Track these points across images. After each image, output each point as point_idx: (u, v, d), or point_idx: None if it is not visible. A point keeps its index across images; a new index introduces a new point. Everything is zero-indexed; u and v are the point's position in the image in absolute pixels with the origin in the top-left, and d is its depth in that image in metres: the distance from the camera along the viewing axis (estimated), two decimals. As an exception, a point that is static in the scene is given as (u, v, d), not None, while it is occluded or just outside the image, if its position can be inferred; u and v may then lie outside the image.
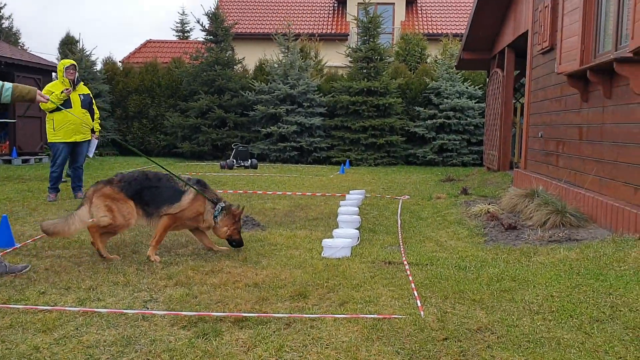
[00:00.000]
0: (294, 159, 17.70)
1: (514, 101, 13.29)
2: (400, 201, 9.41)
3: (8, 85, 4.10)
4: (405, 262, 4.70)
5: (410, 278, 4.18)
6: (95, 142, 9.10)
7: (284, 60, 18.46)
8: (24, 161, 16.17)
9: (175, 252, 5.29)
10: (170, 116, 18.43)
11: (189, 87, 18.65)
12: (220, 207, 5.18)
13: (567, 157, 7.78)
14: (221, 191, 10.29)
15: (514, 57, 12.18)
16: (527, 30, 10.18)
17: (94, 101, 9.31)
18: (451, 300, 3.69)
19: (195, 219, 5.11)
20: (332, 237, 5.90)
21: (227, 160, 15.42)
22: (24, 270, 4.44)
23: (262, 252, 5.36)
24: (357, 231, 6.04)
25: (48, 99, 4.54)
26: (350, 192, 9.91)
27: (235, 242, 5.32)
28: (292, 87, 17.77)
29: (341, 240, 5.23)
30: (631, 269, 4.30)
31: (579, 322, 3.30)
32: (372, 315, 3.41)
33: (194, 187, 5.09)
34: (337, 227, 6.90)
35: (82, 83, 9.09)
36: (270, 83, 18.21)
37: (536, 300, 3.64)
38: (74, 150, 8.78)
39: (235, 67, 19.27)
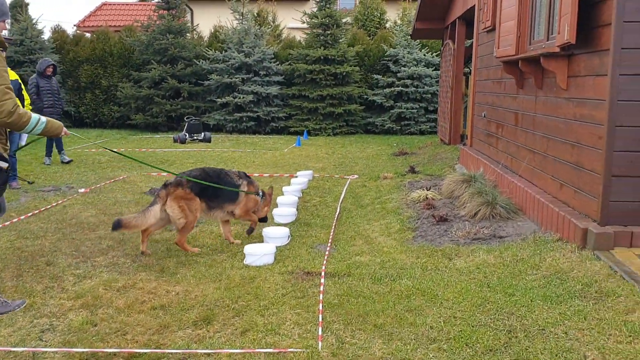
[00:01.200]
0: (251, 129, 17.46)
1: (467, 70, 13.19)
2: (347, 182, 9.36)
3: (44, 119, 4.12)
4: (323, 273, 4.65)
5: (321, 296, 4.13)
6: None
7: (238, 28, 18.00)
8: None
9: (93, 262, 5.16)
10: (123, 87, 17.95)
11: (141, 57, 18.12)
12: (262, 194, 5.97)
13: (506, 141, 7.76)
14: (166, 174, 10.11)
15: (465, 29, 12.02)
16: (475, 5, 10.01)
17: (23, 87, 8.95)
18: (353, 327, 3.66)
19: (251, 208, 5.86)
20: (272, 230, 5.86)
21: (180, 134, 15.12)
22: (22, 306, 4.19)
23: (183, 260, 5.27)
24: (288, 230, 5.97)
25: (69, 134, 4.54)
26: (298, 173, 9.82)
27: (265, 220, 6.20)
28: (247, 56, 17.38)
29: (263, 247, 5.15)
30: (542, 278, 4.31)
31: (473, 352, 3.30)
32: (266, 350, 3.36)
33: (246, 180, 5.82)
34: (272, 220, 6.85)
35: (8, 68, 8.68)
36: (225, 51, 17.79)
37: (437, 324, 3.63)
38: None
39: (188, 34, 18.75)
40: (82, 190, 8.48)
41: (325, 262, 5.00)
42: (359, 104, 17.52)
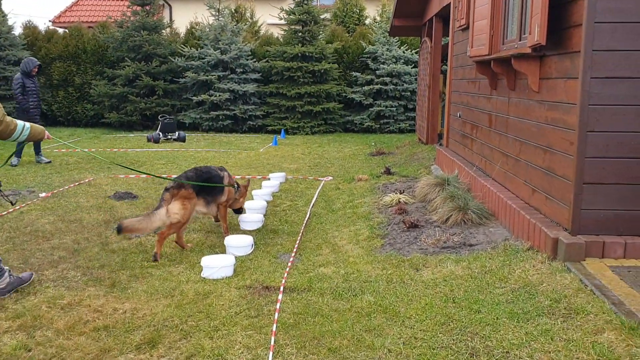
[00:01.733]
0: (228, 127, 17.15)
1: (445, 69, 12.98)
2: (321, 185, 9.13)
3: (27, 125, 4.30)
4: (282, 288, 4.41)
5: (277, 315, 3.89)
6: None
7: (214, 24, 17.65)
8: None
9: (40, 275, 4.87)
10: (97, 85, 17.53)
11: (115, 54, 17.72)
12: (237, 186, 6.43)
13: (480, 143, 7.56)
14: (133, 176, 9.81)
15: (442, 26, 11.83)
16: (450, 3, 9.80)
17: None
18: (307, 350, 3.42)
19: (231, 199, 6.32)
20: (234, 239, 5.60)
21: (153, 134, 14.78)
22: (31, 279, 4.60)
23: (138, 271, 5.00)
24: (251, 239, 5.71)
25: (51, 138, 4.72)
26: (270, 175, 9.57)
27: (240, 211, 6.69)
28: (223, 53, 17.05)
29: (221, 260, 4.90)
30: (510, 292, 4.11)
31: (431, 378, 3.07)
32: (209, 379, 3.11)
33: (226, 172, 6.27)
34: (238, 227, 6.60)
35: None
36: (201, 48, 17.45)
37: (396, 347, 3.41)
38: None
39: (164, 31, 18.37)
40: (43, 194, 8.16)
41: (286, 274, 4.76)
42: (337, 102, 17.28)
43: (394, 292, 4.27)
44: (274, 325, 3.72)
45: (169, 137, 14.83)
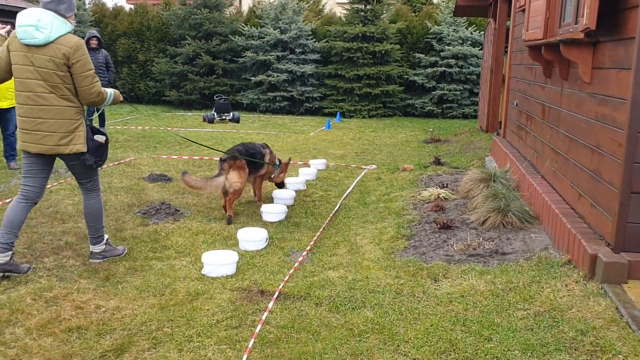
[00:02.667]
0: (284, 109, 16.87)
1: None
2: (362, 174, 8.67)
3: (110, 91, 4.61)
4: (277, 294, 4.02)
5: (258, 328, 3.51)
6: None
7: (275, 3, 17.31)
8: None
9: (38, 262, 4.70)
10: (158, 62, 17.63)
11: (177, 31, 17.74)
12: (279, 162, 7.03)
13: (533, 136, 6.87)
14: (175, 157, 9.67)
15: (507, 6, 10.96)
16: (514, -20, 8.99)
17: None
18: (276, 373, 3.03)
19: (269, 173, 6.93)
20: (247, 232, 5.28)
21: (208, 114, 14.69)
22: (124, 253, 4.95)
23: (139, 263, 4.75)
24: (266, 233, 5.36)
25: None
26: (310, 162, 9.18)
27: (282, 185, 7.29)
28: (282, 32, 16.72)
29: (222, 256, 4.56)
30: (532, 317, 3.55)
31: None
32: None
33: (268, 149, 6.84)
34: (260, 217, 6.27)
35: None
36: (262, 27, 17.17)
37: (379, 377, 2.96)
38: (2, 117, 8.16)
39: (226, 10, 18.20)
40: (79, 173, 8.10)
41: (287, 277, 4.37)
42: (398, 85, 16.61)
43: (399, 308, 3.79)
44: (252, 341, 3.34)
45: (224, 117, 14.68)
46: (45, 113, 4.26)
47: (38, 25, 4.12)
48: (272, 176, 7.01)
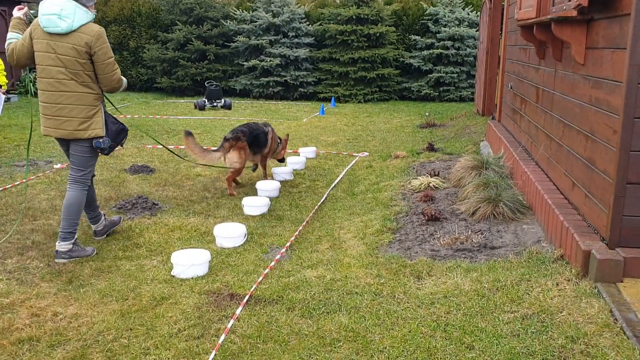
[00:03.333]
0: (278, 94, 16.52)
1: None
2: (353, 162, 8.38)
3: (124, 79, 4.77)
4: (247, 297, 3.76)
5: (222, 338, 3.24)
6: (1, 99, 8.16)
7: (267, -15, 16.90)
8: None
9: (3, 262, 4.44)
10: (149, 49, 17.26)
11: (168, 17, 17.34)
12: (279, 140, 7.35)
13: (528, 120, 6.56)
14: (161, 147, 9.37)
15: (503, -15, 10.57)
16: (508, -43, 8.61)
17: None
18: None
19: (272, 150, 7.22)
20: (224, 228, 5.01)
21: (199, 100, 14.36)
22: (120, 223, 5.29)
23: (107, 264, 4.49)
24: (244, 228, 5.09)
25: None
26: (300, 150, 8.89)
27: (283, 160, 7.67)
28: (275, 16, 16.32)
29: (193, 256, 4.29)
30: (520, 320, 3.28)
31: None
32: None
33: (269, 127, 7.19)
34: (241, 211, 5.99)
35: None
36: (254, 11, 16.78)
37: (347, 394, 2.69)
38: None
39: (217, -7, 17.80)
40: (58, 165, 7.84)
41: (261, 278, 4.10)
42: (394, 68, 16.24)
43: (377, 312, 3.52)
44: (212, 353, 3.07)
45: (215, 104, 14.36)
46: (65, 99, 4.40)
47: (61, 14, 4.24)
48: (273, 154, 7.32)
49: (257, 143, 6.87)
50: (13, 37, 4.51)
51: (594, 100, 4.08)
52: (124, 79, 4.73)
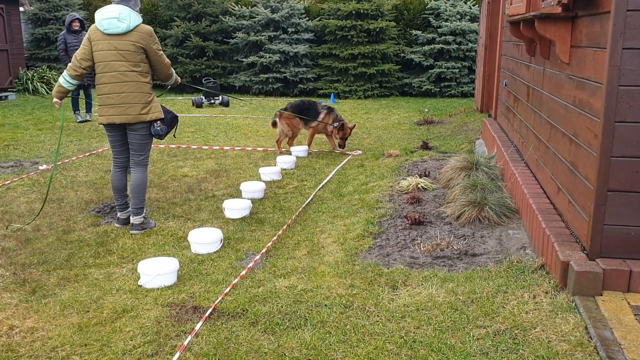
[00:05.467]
0: (278, 91, 16.35)
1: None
2: (345, 161, 8.21)
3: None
4: (210, 311, 3.60)
5: (176, 357, 3.09)
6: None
7: (266, -20, 16.70)
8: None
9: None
10: (148, 45, 17.09)
11: (167, 13, 17.20)
12: (335, 124, 8.59)
13: (519, 119, 6.36)
14: (152, 146, 9.22)
15: (501, -21, 10.31)
16: (504, -50, 8.37)
17: None
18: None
19: (324, 128, 8.76)
20: (199, 234, 4.87)
21: (196, 98, 14.22)
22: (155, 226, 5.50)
23: (75, 272, 4.36)
24: (220, 233, 4.94)
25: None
26: (292, 149, 8.73)
27: (341, 146, 8.83)
28: (274, 11, 16.13)
29: (160, 265, 4.14)
30: (490, 336, 3.11)
31: None
32: None
33: (325, 110, 8.66)
34: (222, 214, 5.84)
35: None
36: (253, 6, 16.59)
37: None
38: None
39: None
40: (44, 167, 7.72)
41: (229, 289, 3.94)
42: (394, 63, 16.01)
43: (344, 326, 3.36)
44: (164, 372, 2.93)
45: (213, 101, 14.21)
46: (128, 88, 5.05)
47: (120, 17, 4.95)
48: (330, 133, 8.73)
49: (307, 116, 8.51)
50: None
51: (577, 101, 3.88)
52: (175, 73, 5.60)
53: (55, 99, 5.32)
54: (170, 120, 5.48)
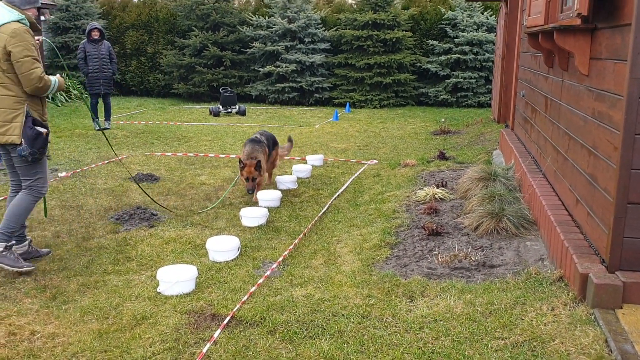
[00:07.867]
0: (294, 100, 16.44)
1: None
2: (361, 170, 8.23)
3: (54, 78, 4.52)
4: (229, 318, 3.63)
5: (194, 361, 3.12)
6: None
7: (283, -9, 16.84)
8: None
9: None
10: (166, 54, 17.31)
11: (185, 22, 17.38)
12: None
13: (537, 130, 6.34)
14: (170, 154, 9.33)
15: (518, -10, 10.31)
16: (522, -39, 8.38)
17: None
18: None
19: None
20: (217, 242, 4.91)
21: (213, 107, 14.34)
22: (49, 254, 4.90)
23: (94, 279, 4.41)
24: (237, 241, 4.97)
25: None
26: (307, 157, 8.77)
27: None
28: (291, 21, 16.24)
29: (179, 272, 4.18)
30: (509, 348, 3.10)
31: None
32: None
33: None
34: (239, 221, 5.88)
35: None
36: (270, 17, 16.72)
37: None
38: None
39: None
40: (63, 174, 7.82)
41: (247, 297, 3.97)
42: (410, 73, 16.04)
43: (361, 336, 3.37)
44: (182, 380, 2.96)
45: (230, 110, 14.32)
46: None
47: None
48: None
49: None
50: None
51: (596, 113, 3.87)
52: (54, 79, 4.48)
53: None
54: (34, 138, 4.33)
